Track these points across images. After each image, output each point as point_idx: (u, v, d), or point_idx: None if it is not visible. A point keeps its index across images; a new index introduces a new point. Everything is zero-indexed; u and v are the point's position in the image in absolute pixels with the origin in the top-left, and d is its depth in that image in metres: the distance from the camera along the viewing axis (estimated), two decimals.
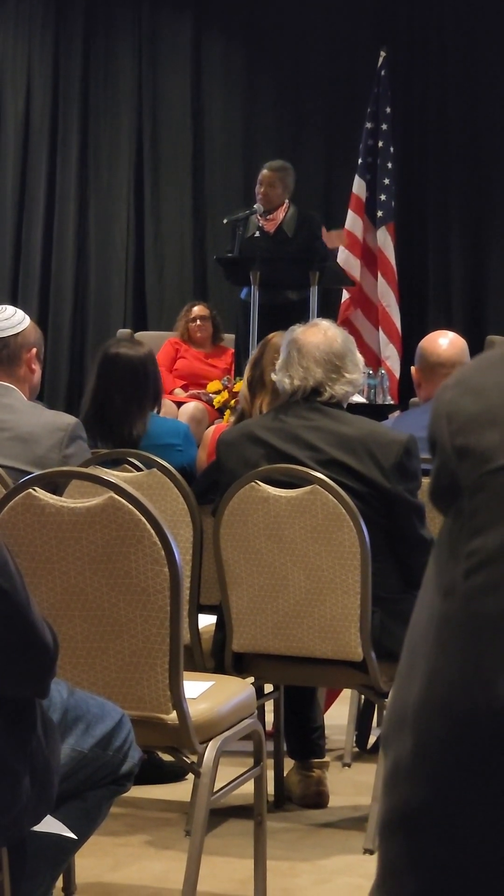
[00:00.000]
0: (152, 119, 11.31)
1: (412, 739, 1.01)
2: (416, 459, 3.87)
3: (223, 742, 2.95)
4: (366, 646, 3.74)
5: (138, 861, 3.70)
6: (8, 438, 3.86)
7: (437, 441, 1.06)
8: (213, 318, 9.33)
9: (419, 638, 1.03)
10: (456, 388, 1.07)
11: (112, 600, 2.79)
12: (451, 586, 1.01)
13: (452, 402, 1.06)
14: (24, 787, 2.15)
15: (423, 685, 1.01)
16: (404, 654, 1.05)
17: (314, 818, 4.11)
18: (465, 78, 10.52)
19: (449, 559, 1.02)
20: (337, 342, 3.98)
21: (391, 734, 1.04)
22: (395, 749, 1.03)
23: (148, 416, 4.65)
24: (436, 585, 1.03)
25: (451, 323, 9.84)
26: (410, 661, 1.04)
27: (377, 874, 1.04)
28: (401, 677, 1.05)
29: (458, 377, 1.09)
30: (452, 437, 1.04)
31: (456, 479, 1.03)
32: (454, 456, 1.03)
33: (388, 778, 1.03)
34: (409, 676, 1.03)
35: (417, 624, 1.05)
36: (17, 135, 11.48)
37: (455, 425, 1.04)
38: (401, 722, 1.02)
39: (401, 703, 1.03)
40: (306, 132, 10.98)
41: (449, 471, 1.04)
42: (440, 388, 1.10)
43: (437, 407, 1.08)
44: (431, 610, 1.02)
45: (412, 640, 1.05)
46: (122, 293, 11.29)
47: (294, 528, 3.76)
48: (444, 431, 1.05)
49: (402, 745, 1.01)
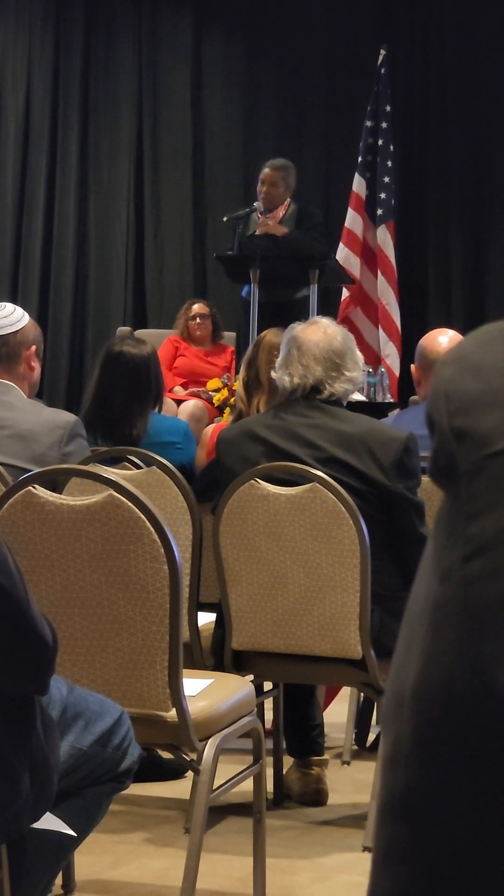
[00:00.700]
0: (152, 117, 11.30)
1: (411, 721, 1.00)
2: (415, 457, 3.87)
3: (222, 739, 2.95)
4: (365, 644, 3.75)
5: (138, 858, 3.70)
6: (7, 436, 3.86)
7: (434, 420, 1.05)
8: (213, 316, 9.33)
9: (416, 620, 1.03)
10: (455, 365, 1.05)
11: (112, 598, 2.79)
12: (448, 571, 1.00)
13: (452, 381, 1.05)
14: (23, 784, 2.15)
15: (419, 667, 1.01)
16: (401, 636, 1.05)
17: (313, 816, 4.11)
18: (466, 76, 10.52)
19: (446, 542, 1.01)
20: (337, 340, 3.98)
21: (390, 714, 1.03)
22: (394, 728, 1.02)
23: (149, 416, 4.64)
24: (433, 567, 1.02)
25: (451, 321, 9.84)
26: (407, 644, 1.03)
27: (374, 856, 1.04)
28: (398, 658, 1.05)
29: (457, 352, 1.07)
30: (451, 418, 1.03)
31: (454, 461, 1.02)
32: (452, 437, 1.02)
33: (388, 756, 1.03)
34: (405, 658, 1.03)
35: (414, 606, 1.04)
36: (17, 132, 11.48)
37: (454, 405, 1.03)
38: (399, 703, 1.02)
39: (398, 685, 1.03)
40: (306, 130, 10.98)
41: (447, 452, 1.03)
42: (439, 363, 1.08)
43: (435, 384, 1.06)
44: (428, 593, 1.02)
45: (409, 623, 1.04)
46: (121, 291, 11.29)
47: (294, 525, 3.76)
48: (442, 411, 1.04)
49: (401, 726, 1.01)
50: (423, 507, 3.89)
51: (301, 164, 9.29)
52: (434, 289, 10.60)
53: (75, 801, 2.51)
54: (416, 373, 4.95)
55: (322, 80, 10.94)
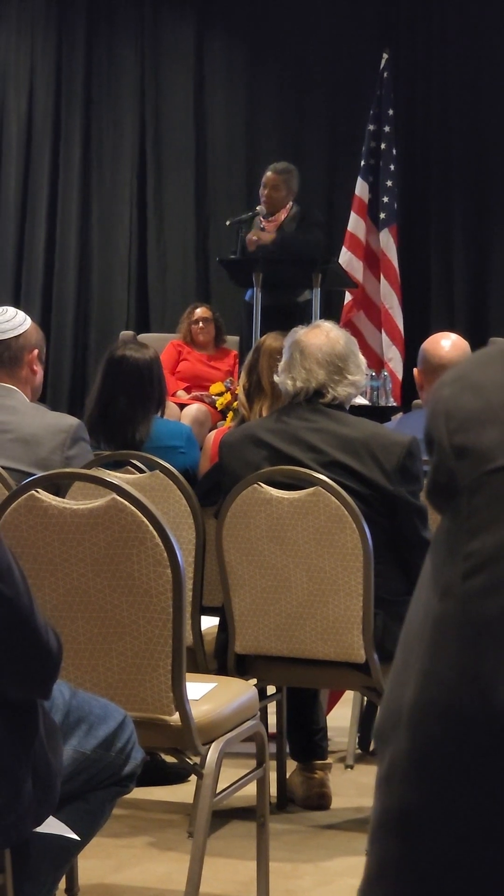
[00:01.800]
0: (155, 120, 11.31)
1: (408, 740, 1.00)
2: (418, 461, 3.87)
3: (226, 743, 2.95)
4: (368, 647, 3.74)
5: (141, 862, 3.70)
6: (10, 440, 3.86)
7: (434, 438, 1.05)
8: (216, 320, 9.33)
9: (414, 637, 1.03)
10: (454, 385, 1.06)
11: (115, 602, 2.79)
12: (449, 587, 1.00)
13: (451, 400, 1.05)
14: (26, 788, 2.15)
15: (418, 685, 1.00)
16: (399, 652, 1.05)
17: (317, 820, 4.11)
18: (468, 80, 10.52)
19: (446, 559, 1.01)
20: (339, 344, 3.98)
21: (386, 731, 1.03)
22: (391, 747, 1.02)
23: (152, 420, 4.64)
24: (432, 585, 1.02)
25: (454, 325, 9.83)
26: (405, 660, 1.03)
27: (365, 876, 1.03)
28: (395, 676, 1.04)
29: (457, 373, 1.07)
30: (451, 436, 1.03)
31: (454, 478, 1.02)
32: (452, 454, 1.02)
33: (383, 777, 1.03)
34: (403, 675, 1.03)
35: (412, 623, 1.04)
36: (19, 135, 11.48)
37: (454, 423, 1.03)
38: (395, 720, 1.02)
39: (395, 703, 1.03)
40: (309, 134, 10.99)
41: (447, 469, 1.03)
42: (438, 383, 1.09)
43: (434, 404, 1.07)
44: (427, 610, 1.02)
45: (407, 639, 1.04)
46: (124, 295, 11.29)
47: (296, 529, 3.76)
48: (442, 429, 1.04)
49: (398, 745, 1.01)
50: (425, 511, 3.88)
51: (303, 168, 9.29)
52: (437, 292, 10.60)
53: (78, 806, 2.51)
54: (419, 377, 4.95)
55: (324, 84, 10.94)
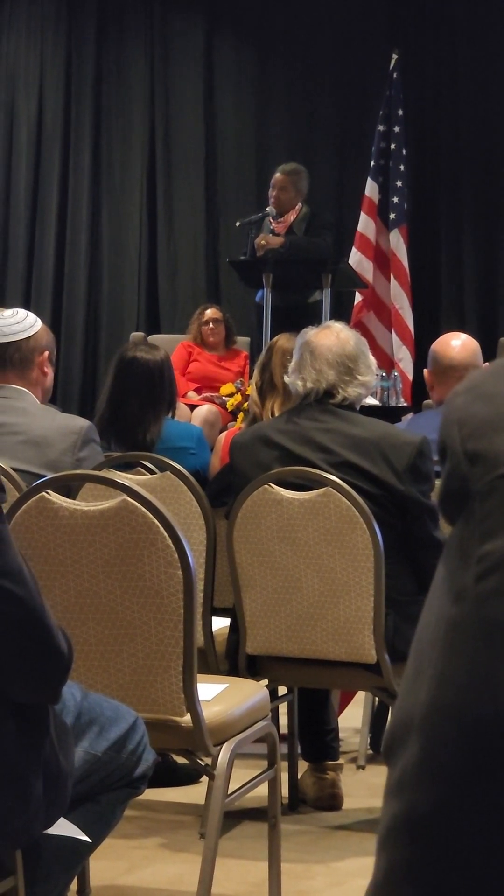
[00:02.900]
0: (165, 121, 11.32)
1: (419, 744, 1.00)
2: (429, 461, 3.87)
3: (237, 744, 2.95)
4: (379, 648, 3.74)
5: (152, 864, 3.70)
6: (21, 442, 3.86)
7: (447, 446, 1.06)
8: (226, 321, 9.33)
9: (427, 643, 1.03)
10: (467, 394, 1.07)
11: (125, 603, 2.79)
12: (462, 591, 1.00)
13: (464, 408, 1.06)
14: (36, 791, 2.15)
15: (430, 690, 1.00)
16: (411, 659, 1.05)
17: (328, 820, 4.11)
18: (478, 79, 10.51)
19: (459, 563, 1.02)
20: (349, 344, 3.98)
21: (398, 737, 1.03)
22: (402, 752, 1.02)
23: (163, 421, 4.65)
24: (445, 590, 1.02)
25: (464, 325, 9.83)
26: (417, 667, 1.03)
27: (372, 881, 1.03)
28: (407, 683, 1.04)
29: (470, 383, 1.08)
30: (464, 442, 1.04)
31: (467, 483, 1.03)
32: (465, 460, 1.03)
33: (394, 782, 1.03)
34: (415, 681, 1.03)
35: (425, 629, 1.04)
36: (30, 137, 11.50)
37: (466, 430, 1.04)
38: (406, 728, 1.02)
39: (407, 710, 1.03)
40: (318, 135, 10.99)
41: (460, 475, 1.04)
42: (451, 393, 1.10)
43: (447, 412, 1.08)
44: (440, 614, 1.02)
45: (419, 646, 1.04)
46: (134, 296, 11.30)
47: (307, 530, 3.76)
48: (454, 436, 1.05)
49: (409, 751, 1.01)
50: (436, 512, 3.88)
51: (313, 169, 9.29)
52: (447, 292, 10.60)
53: (90, 807, 2.51)
54: (429, 378, 4.94)
55: (334, 85, 10.94)
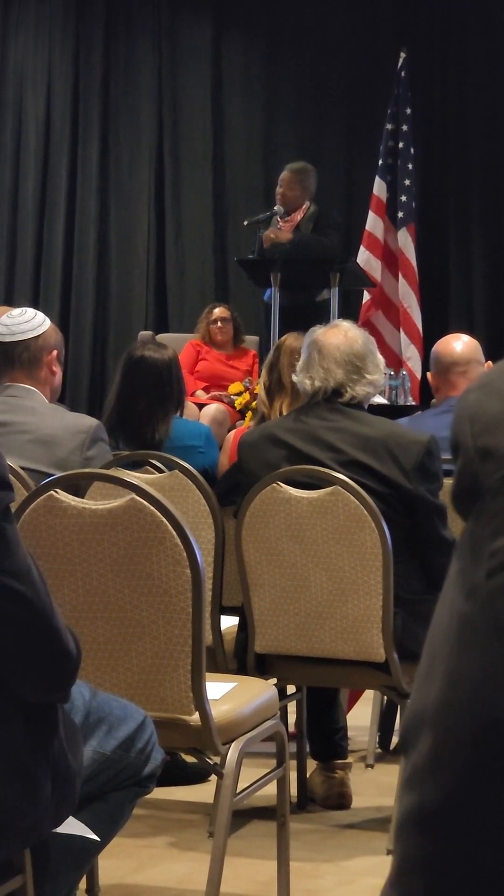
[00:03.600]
0: (173, 121, 11.32)
1: (430, 739, 1.00)
2: (437, 460, 3.86)
3: (246, 743, 2.95)
4: (388, 647, 3.74)
5: (161, 862, 3.70)
6: (29, 441, 3.87)
7: (459, 443, 1.06)
8: (235, 320, 9.33)
9: (439, 640, 1.03)
10: (480, 391, 1.07)
11: (134, 602, 2.79)
12: (474, 587, 1.01)
13: (476, 404, 1.06)
14: (45, 790, 2.15)
15: (443, 686, 1.01)
16: (423, 657, 1.05)
17: (337, 819, 4.11)
18: (486, 78, 10.50)
19: (471, 560, 1.02)
20: (358, 343, 3.98)
21: (410, 734, 1.03)
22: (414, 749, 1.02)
23: (171, 420, 4.65)
24: (458, 586, 1.02)
25: (473, 323, 9.83)
26: (429, 664, 1.03)
27: (390, 874, 1.04)
28: (420, 679, 1.05)
29: (483, 380, 1.09)
30: (475, 438, 1.04)
31: (478, 479, 1.03)
32: (477, 457, 1.03)
33: (406, 780, 1.03)
34: (428, 678, 1.03)
35: (437, 626, 1.04)
36: (37, 136, 11.50)
37: (478, 426, 1.04)
38: (419, 723, 1.02)
39: (419, 705, 1.03)
40: (326, 133, 10.98)
41: (471, 471, 1.04)
42: (465, 390, 1.10)
43: (460, 409, 1.08)
44: (453, 611, 1.02)
45: (432, 643, 1.04)
46: (143, 295, 11.30)
47: (316, 529, 3.76)
48: (466, 433, 1.05)
49: (420, 746, 1.01)
50: (445, 510, 3.88)
51: (321, 168, 9.28)
52: (455, 291, 10.59)
53: (99, 806, 2.51)
54: (433, 379, 4.93)
55: (342, 83, 10.93)
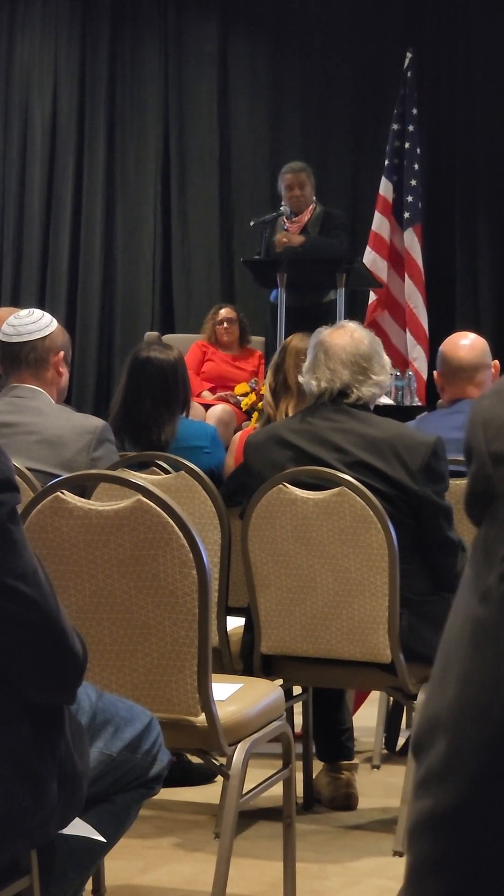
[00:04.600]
0: (179, 122, 11.32)
1: (445, 742, 1.01)
2: (443, 461, 3.86)
3: (252, 744, 2.95)
4: (394, 648, 3.74)
5: (167, 863, 3.70)
6: (36, 441, 3.87)
7: (472, 448, 1.07)
8: (241, 321, 9.33)
9: (454, 644, 1.03)
10: (493, 397, 1.08)
11: (140, 603, 2.79)
12: (487, 591, 1.01)
13: (489, 410, 1.07)
14: (51, 791, 2.16)
15: (457, 689, 1.01)
16: (438, 660, 1.06)
17: (343, 820, 4.11)
18: (492, 78, 10.49)
19: (484, 564, 1.02)
20: (364, 344, 3.98)
21: (423, 740, 1.03)
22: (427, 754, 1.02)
23: (177, 421, 4.65)
24: (471, 590, 1.03)
25: (479, 323, 9.82)
26: (444, 667, 1.04)
27: (404, 877, 1.04)
28: (433, 684, 1.05)
29: (497, 387, 1.10)
30: (489, 443, 1.05)
31: (492, 484, 1.03)
32: (490, 461, 1.04)
33: (418, 783, 1.03)
34: (442, 681, 1.03)
35: (452, 630, 1.05)
36: (44, 137, 11.50)
37: (491, 431, 1.05)
38: (433, 726, 1.02)
39: (433, 709, 1.03)
40: (333, 134, 10.98)
41: (485, 476, 1.04)
42: (479, 396, 1.11)
43: (473, 415, 1.09)
44: (467, 615, 1.02)
45: (446, 647, 1.05)
46: (149, 296, 11.30)
47: (322, 530, 3.76)
48: (480, 438, 1.06)
49: (435, 750, 1.01)
50: (451, 511, 3.88)
51: (327, 168, 9.29)
52: (461, 292, 10.58)
53: (105, 807, 2.51)
54: (439, 379, 4.92)
55: (348, 84, 10.93)
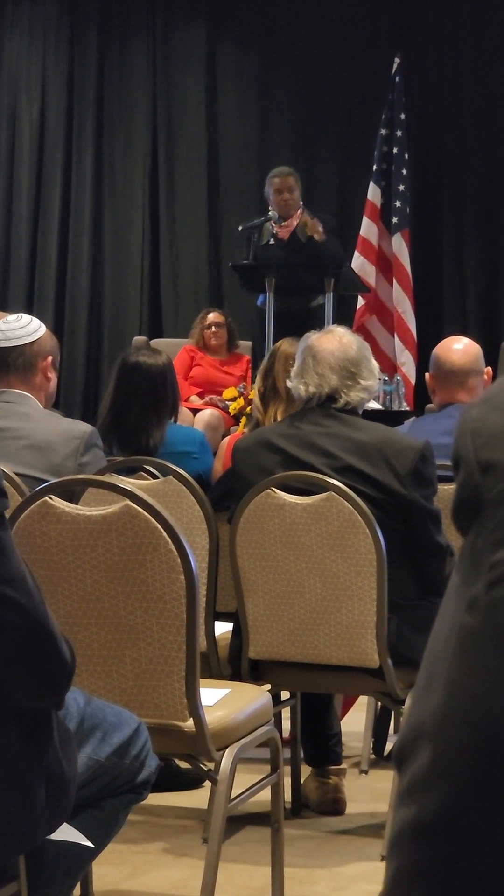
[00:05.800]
0: (167, 126, 11.32)
1: (430, 750, 1.01)
2: (431, 465, 3.86)
3: (240, 749, 2.95)
4: (382, 652, 3.74)
5: (155, 868, 3.70)
6: (24, 447, 3.87)
7: (461, 456, 1.07)
8: (229, 325, 9.33)
9: (439, 651, 1.03)
10: (482, 406, 1.08)
11: (128, 608, 2.79)
12: (474, 599, 1.01)
13: (478, 419, 1.07)
14: (39, 796, 2.15)
15: (443, 697, 1.01)
16: (423, 668, 1.05)
17: (331, 825, 4.11)
18: (480, 84, 10.51)
19: (471, 572, 1.02)
20: (352, 349, 3.98)
21: (407, 748, 1.03)
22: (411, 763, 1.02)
23: (165, 426, 4.65)
24: (458, 598, 1.03)
25: (466, 328, 9.83)
26: (429, 675, 1.04)
27: (384, 885, 1.04)
28: (419, 691, 1.05)
29: (486, 396, 1.10)
30: (477, 452, 1.05)
31: (479, 492, 1.04)
32: (478, 470, 1.04)
33: (403, 791, 1.03)
34: (427, 689, 1.03)
35: (437, 638, 1.05)
36: (31, 142, 11.50)
37: (480, 440, 1.05)
38: (418, 734, 1.02)
39: (418, 718, 1.03)
40: (321, 139, 10.99)
41: (473, 485, 1.04)
42: (467, 406, 1.11)
43: (462, 424, 1.09)
44: (453, 623, 1.02)
45: (432, 655, 1.05)
46: (137, 300, 11.30)
47: (310, 534, 3.76)
48: (468, 447, 1.06)
49: (420, 758, 1.01)
50: (439, 516, 3.88)
51: (315, 173, 9.30)
52: (449, 296, 10.60)
53: (93, 813, 2.51)
54: (431, 382, 4.93)
55: (336, 89, 10.94)
